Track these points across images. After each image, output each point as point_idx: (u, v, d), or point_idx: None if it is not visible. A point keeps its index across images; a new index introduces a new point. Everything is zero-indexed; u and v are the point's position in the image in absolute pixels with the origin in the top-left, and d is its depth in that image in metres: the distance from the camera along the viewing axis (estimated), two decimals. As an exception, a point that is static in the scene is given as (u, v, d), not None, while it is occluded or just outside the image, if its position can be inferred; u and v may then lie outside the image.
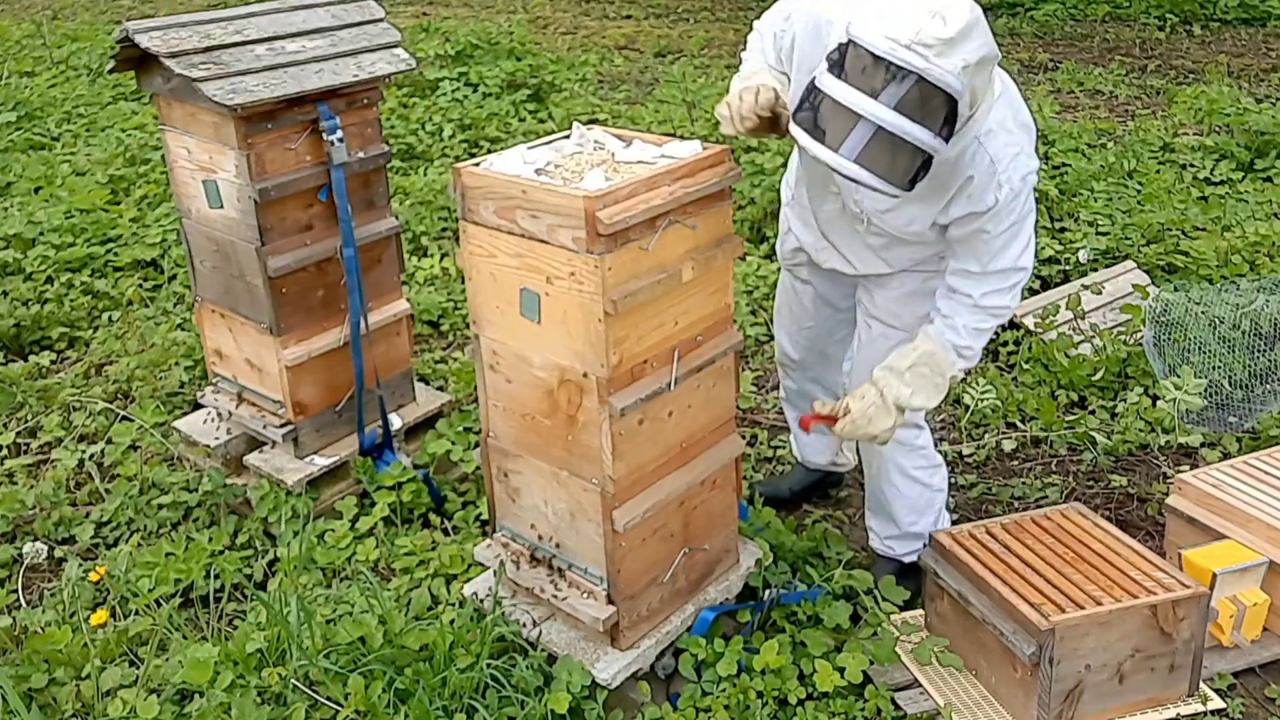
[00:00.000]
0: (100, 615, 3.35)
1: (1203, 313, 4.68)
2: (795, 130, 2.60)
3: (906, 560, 3.50)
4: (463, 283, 5.65)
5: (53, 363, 5.22)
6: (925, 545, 3.32)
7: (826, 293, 3.44)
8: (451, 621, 3.11)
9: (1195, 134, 7.57)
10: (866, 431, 2.99)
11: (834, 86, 2.52)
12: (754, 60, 3.06)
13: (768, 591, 3.30)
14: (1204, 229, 5.90)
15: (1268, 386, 4.46)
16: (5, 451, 4.46)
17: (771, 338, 5.19)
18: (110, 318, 5.52)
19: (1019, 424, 4.48)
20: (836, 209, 3.14)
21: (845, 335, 3.55)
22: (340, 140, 3.65)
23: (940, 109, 2.50)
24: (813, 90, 2.57)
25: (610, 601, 2.93)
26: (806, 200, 3.25)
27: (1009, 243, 2.88)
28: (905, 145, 2.50)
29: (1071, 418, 4.46)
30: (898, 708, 3.05)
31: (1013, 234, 2.87)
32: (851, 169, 2.53)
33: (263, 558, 3.74)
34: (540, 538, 3.07)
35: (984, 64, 2.56)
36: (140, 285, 5.82)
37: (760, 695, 3.05)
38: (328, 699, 2.93)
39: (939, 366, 2.97)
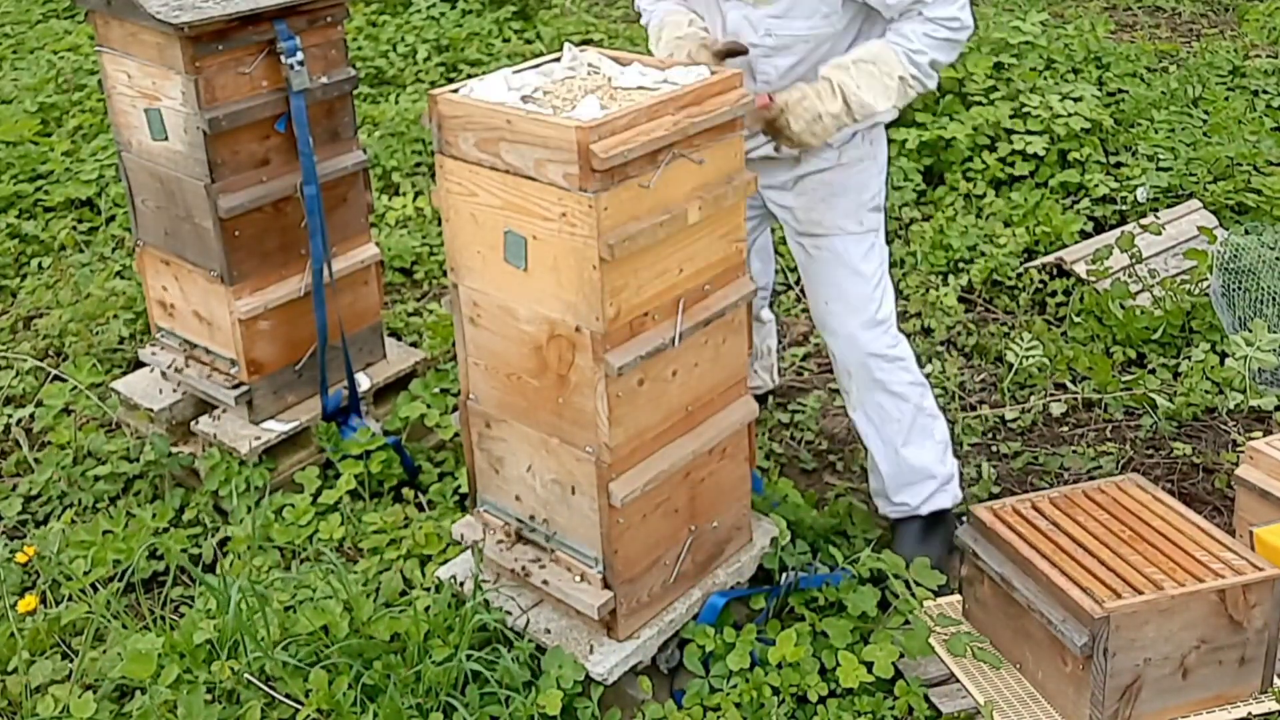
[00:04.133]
0: (29, 601, 3.34)
1: (1278, 259, 4.65)
2: None
3: (925, 512, 3.48)
4: (439, 225, 5.61)
5: (-25, 316, 5.20)
6: (942, 488, 3.29)
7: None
8: (426, 608, 3.10)
9: (1269, 56, 7.50)
10: (814, 109, 3.08)
11: None
12: (656, 18, 3.23)
13: (784, 575, 3.29)
14: (1279, 164, 5.86)
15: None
16: (-78, 416, 4.45)
17: (789, 287, 5.17)
18: (40, 264, 5.50)
19: (1069, 385, 4.46)
20: None
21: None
22: (300, 63, 3.63)
23: None
24: None
25: (606, 586, 2.93)
26: None
27: None
28: None
29: (1128, 378, 4.44)
30: (932, 706, 3.04)
31: None
32: None
33: (212, 536, 3.73)
34: (527, 514, 3.06)
35: None
36: (74, 228, 5.80)
37: (776, 691, 3.05)
38: (286, 696, 2.93)
39: (886, 65, 3.09)
